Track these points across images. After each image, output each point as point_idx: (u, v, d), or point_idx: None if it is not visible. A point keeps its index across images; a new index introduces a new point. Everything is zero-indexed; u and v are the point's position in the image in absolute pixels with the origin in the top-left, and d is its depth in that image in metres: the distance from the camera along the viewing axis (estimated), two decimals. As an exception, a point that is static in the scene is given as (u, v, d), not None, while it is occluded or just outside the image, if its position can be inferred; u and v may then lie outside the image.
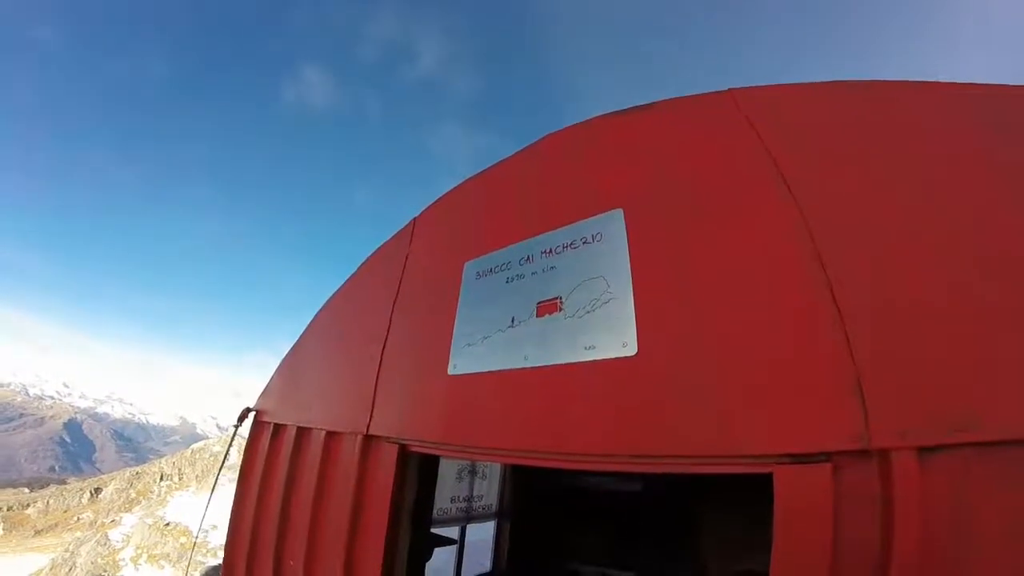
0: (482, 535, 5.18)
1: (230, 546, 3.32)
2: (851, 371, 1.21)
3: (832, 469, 1.18)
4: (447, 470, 4.69)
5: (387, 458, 2.24)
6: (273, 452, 3.19)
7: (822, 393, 1.23)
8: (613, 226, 1.76)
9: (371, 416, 2.36)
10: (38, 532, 44.85)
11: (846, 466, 1.18)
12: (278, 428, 3.19)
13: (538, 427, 1.65)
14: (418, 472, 2.33)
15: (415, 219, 3.04)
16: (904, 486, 1.10)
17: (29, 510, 48.76)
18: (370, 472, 2.33)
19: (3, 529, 45.48)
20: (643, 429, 1.44)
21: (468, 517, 4.92)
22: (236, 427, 3.64)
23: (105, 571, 31.13)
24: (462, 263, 2.37)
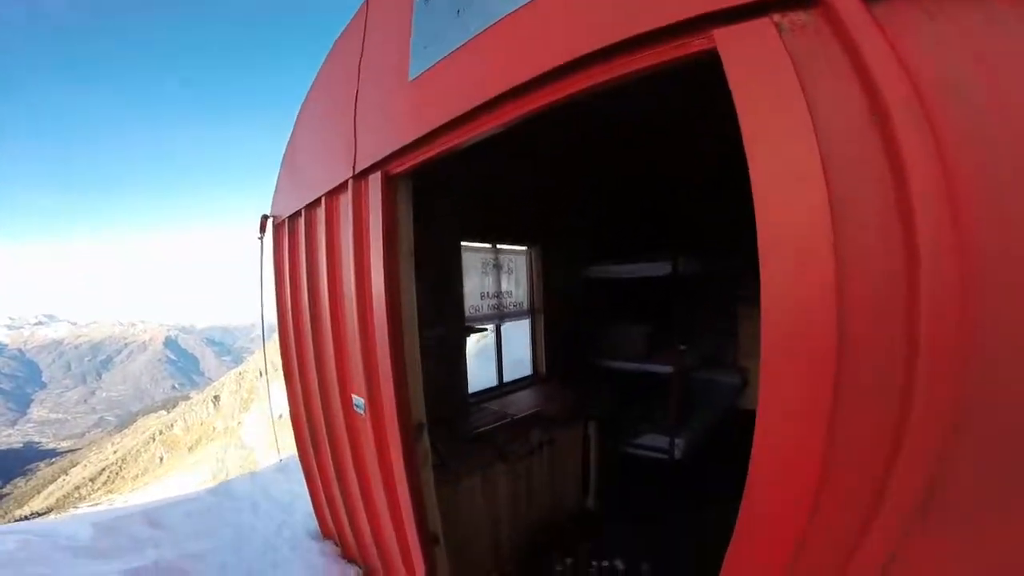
0: (520, 355, 5.42)
1: (286, 373, 3.64)
2: None
3: (776, 28, 1.10)
4: (471, 262, 4.74)
5: (374, 189, 2.34)
6: (293, 248, 3.36)
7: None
8: None
9: (355, 155, 2.42)
10: (190, 449, 50.19)
11: (791, 26, 1.10)
12: (292, 221, 3.32)
13: (494, 76, 1.69)
14: (411, 203, 2.42)
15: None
16: (867, 39, 0.99)
17: (175, 429, 54.45)
18: (364, 213, 2.44)
19: (165, 452, 51.76)
20: (589, 22, 1.42)
21: (501, 315, 5.05)
22: (260, 239, 3.79)
23: (252, 471, 36.23)
24: (411, 4, 2.24)
